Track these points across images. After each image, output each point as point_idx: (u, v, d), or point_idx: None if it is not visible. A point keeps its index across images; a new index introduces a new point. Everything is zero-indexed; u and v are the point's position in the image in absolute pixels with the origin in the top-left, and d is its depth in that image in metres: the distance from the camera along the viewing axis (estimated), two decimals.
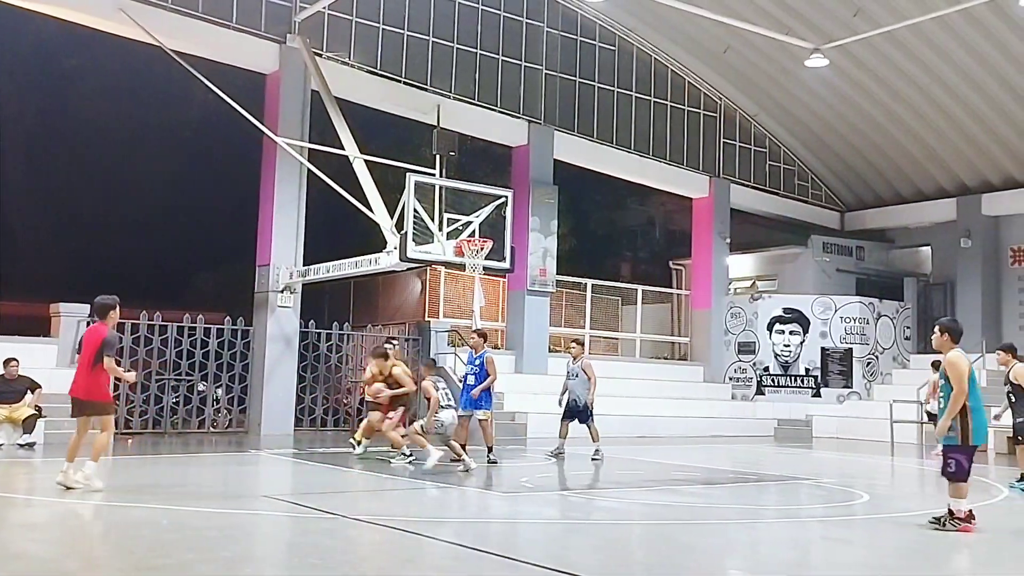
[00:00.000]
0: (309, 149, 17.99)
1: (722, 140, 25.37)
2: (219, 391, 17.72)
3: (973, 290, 24.43)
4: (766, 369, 24.00)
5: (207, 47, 17.76)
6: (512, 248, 16.17)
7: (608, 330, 25.12)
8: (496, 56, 21.55)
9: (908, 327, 24.97)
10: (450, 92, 20.70)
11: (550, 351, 21.86)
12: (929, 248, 26.45)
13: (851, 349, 23.66)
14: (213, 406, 17.69)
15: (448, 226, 15.46)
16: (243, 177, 20.80)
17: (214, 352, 17.39)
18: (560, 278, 22.47)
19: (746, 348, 24.26)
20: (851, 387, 23.45)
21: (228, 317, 17.83)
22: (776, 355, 23.97)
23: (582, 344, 15.32)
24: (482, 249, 15.38)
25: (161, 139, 26.44)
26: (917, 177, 25.68)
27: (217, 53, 17.94)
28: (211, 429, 17.56)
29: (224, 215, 23.49)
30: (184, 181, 26.29)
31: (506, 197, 16.16)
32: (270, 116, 18.04)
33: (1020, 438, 11.40)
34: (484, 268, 15.93)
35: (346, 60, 19.37)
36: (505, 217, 15.92)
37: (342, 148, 16.92)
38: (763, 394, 23.87)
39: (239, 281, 20.24)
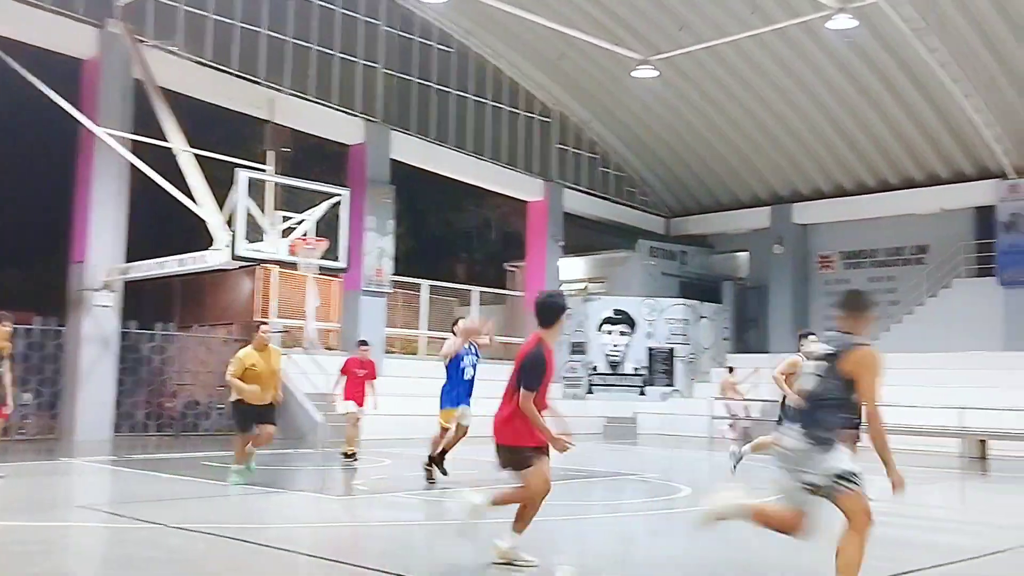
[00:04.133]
0: (132, 141, 17.12)
1: (556, 145, 25.99)
2: (27, 395, 16.61)
3: (785, 293, 26.13)
4: (594, 368, 24.75)
5: (18, 28, 16.60)
6: (347, 248, 15.97)
7: (444, 331, 25.13)
8: (332, 52, 21.23)
9: (726, 327, 26.37)
10: (284, 87, 20.22)
11: (386, 352, 21.69)
12: (746, 253, 28.04)
13: (673, 349, 24.75)
14: (20, 412, 16.53)
15: (282, 224, 15.11)
16: (57, 169, 19.57)
17: (22, 354, 16.26)
18: (397, 278, 22.37)
19: (578, 348, 24.94)
20: (673, 386, 24.52)
21: (39, 316, 16.77)
22: (606, 355, 24.76)
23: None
24: (316, 248, 15.12)
25: None
26: (735, 186, 27.18)
27: (29, 35, 16.80)
28: (17, 436, 16.41)
29: (35, 209, 22.04)
30: None
31: (341, 196, 15.94)
32: (88, 104, 17.05)
33: None
34: (319, 267, 15.66)
35: (172, 49, 18.55)
36: (340, 216, 15.70)
37: (167, 140, 16.20)
38: (593, 392, 24.60)
39: (51, 278, 19.04)
